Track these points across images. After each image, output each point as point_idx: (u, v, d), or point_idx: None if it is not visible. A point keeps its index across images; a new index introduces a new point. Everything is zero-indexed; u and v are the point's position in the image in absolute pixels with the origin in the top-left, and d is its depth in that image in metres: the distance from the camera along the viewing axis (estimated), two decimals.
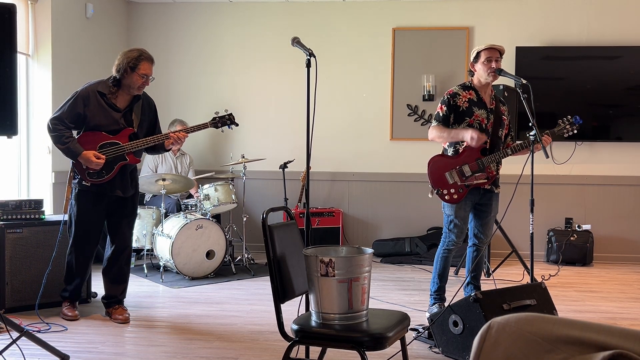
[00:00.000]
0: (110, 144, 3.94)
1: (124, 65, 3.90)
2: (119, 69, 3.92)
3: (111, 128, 3.96)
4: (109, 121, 3.95)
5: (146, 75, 3.95)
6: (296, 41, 3.13)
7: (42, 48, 5.51)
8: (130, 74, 3.91)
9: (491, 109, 4.09)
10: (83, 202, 3.98)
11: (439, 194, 4.00)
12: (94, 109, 3.92)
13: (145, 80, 3.96)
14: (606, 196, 6.52)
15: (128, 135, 3.99)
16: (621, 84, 6.36)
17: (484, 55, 4.02)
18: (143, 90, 4.06)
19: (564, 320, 1.27)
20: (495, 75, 4.03)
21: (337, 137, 6.79)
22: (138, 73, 3.91)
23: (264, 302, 4.55)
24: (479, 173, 3.98)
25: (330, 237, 6.37)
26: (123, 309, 4.13)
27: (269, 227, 2.50)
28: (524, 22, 6.55)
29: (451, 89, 4.07)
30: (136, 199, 4.23)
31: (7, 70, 2.84)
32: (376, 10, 6.73)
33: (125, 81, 3.95)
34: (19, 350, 3.02)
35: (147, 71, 3.95)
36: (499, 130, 4.11)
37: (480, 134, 3.87)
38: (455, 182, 3.97)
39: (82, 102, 3.91)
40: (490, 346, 1.28)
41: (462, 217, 4.05)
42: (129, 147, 3.96)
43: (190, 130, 4.15)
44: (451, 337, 3.29)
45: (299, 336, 2.39)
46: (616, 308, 4.53)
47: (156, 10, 6.98)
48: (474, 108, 4.00)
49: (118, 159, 3.96)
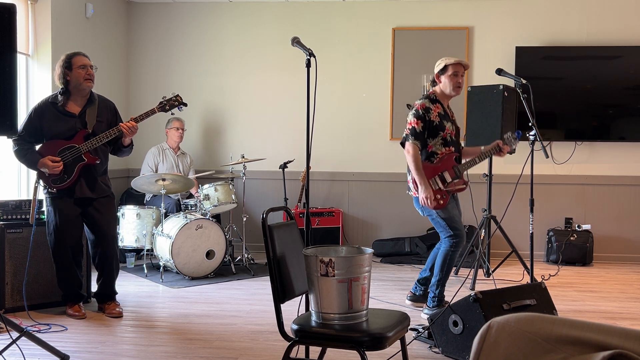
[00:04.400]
0: (67, 148, 4.01)
1: (60, 70, 4.03)
2: (59, 76, 4.04)
3: (68, 134, 4.04)
4: (65, 128, 4.04)
5: (84, 65, 4.04)
6: (296, 41, 3.13)
7: (42, 48, 5.51)
8: (70, 73, 4.02)
9: (453, 120, 4.25)
10: (57, 206, 4.05)
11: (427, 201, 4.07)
12: (50, 120, 4.03)
13: (86, 70, 4.04)
14: (606, 196, 6.52)
15: (83, 136, 4.05)
16: (621, 83, 6.36)
17: (451, 69, 4.11)
18: (92, 84, 4.09)
19: (564, 320, 1.27)
20: (458, 91, 4.15)
21: (337, 137, 6.79)
22: (75, 67, 4.01)
23: (264, 302, 4.55)
24: (457, 179, 4.12)
25: (330, 237, 6.38)
26: (115, 304, 4.23)
27: (268, 227, 2.50)
28: (524, 22, 6.55)
29: (422, 103, 4.11)
30: (112, 198, 4.28)
31: (7, 70, 2.84)
32: (376, 10, 6.73)
33: (72, 83, 4.04)
34: (19, 350, 3.03)
35: (82, 62, 4.05)
36: (458, 138, 4.28)
37: (432, 198, 3.99)
38: (439, 189, 4.07)
39: (36, 117, 4.04)
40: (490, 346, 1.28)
41: (455, 214, 4.16)
42: (84, 147, 4.01)
43: (139, 118, 4.14)
44: (451, 337, 3.29)
45: (299, 336, 2.39)
46: (616, 308, 4.53)
47: (156, 10, 6.98)
48: (444, 121, 4.12)
49: (76, 160, 4.02)
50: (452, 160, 4.13)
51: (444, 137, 4.09)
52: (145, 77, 7.00)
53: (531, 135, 4.48)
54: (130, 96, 6.97)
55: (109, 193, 4.24)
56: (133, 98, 6.94)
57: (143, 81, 7.00)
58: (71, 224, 4.09)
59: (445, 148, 4.11)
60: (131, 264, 5.83)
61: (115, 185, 4.59)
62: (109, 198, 4.25)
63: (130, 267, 5.79)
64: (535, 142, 4.48)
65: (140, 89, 6.98)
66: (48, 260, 4.21)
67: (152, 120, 6.75)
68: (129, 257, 5.85)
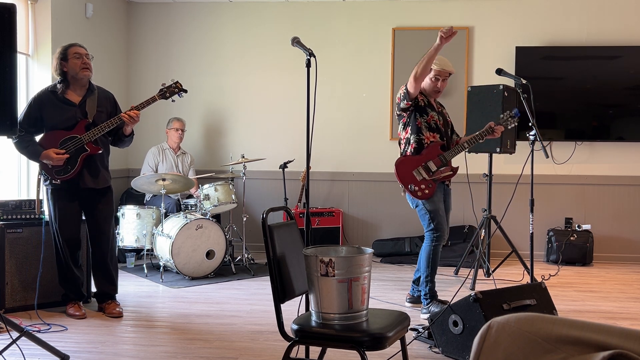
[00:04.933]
0: (69, 138, 4.00)
1: (57, 62, 4.03)
2: (55, 68, 4.05)
3: (68, 124, 4.03)
4: (66, 117, 4.02)
5: (79, 54, 4.04)
6: (296, 41, 3.13)
7: (42, 48, 5.51)
8: (66, 63, 4.02)
9: (439, 111, 4.35)
10: (57, 200, 4.06)
11: (412, 191, 4.16)
12: (50, 109, 4.02)
13: (82, 59, 4.03)
14: (606, 196, 6.52)
15: (84, 126, 4.05)
16: (621, 83, 6.36)
17: (434, 72, 4.21)
18: (89, 73, 4.08)
19: (564, 320, 1.27)
20: (436, 95, 4.30)
21: (337, 137, 6.79)
22: (71, 57, 4.01)
23: (264, 302, 4.55)
24: (443, 167, 4.20)
25: (330, 237, 6.38)
26: (115, 304, 4.21)
27: (269, 227, 2.50)
28: (524, 22, 6.55)
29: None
30: (110, 193, 4.28)
31: (7, 70, 2.84)
32: (376, 10, 6.73)
33: (69, 73, 4.05)
34: (19, 350, 3.03)
35: (78, 51, 4.04)
36: (448, 129, 4.38)
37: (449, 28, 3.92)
38: (423, 179, 4.16)
39: (36, 106, 4.03)
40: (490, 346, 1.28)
41: (441, 209, 4.23)
42: (86, 137, 4.00)
43: (140, 106, 4.12)
44: (451, 337, 3.29)
45: (299, 336, 2.39)
46: (616, 308, 4.53)
47: (156, 10, 6.98)
48: (428, 109, 4.26)
49: (79, 150, 4.02)
50: (438, 149, 4.22)
51: (428, 122, 4.22)
52: (145, 77, 7.00)
53: (531, 135, 4.48)
54: (130, 96, 6.97)
55: (110, 184, 4.26)
56: (133, 98, 6.93)
57: (143, 81, 7.00)
58: (70, 218, 4.09)
59: (429, 132, 4.21)
60: (131, 264, 5.83)
61: (115, 185, 4.59)
62: (109, 190, 4.26)
63: (131, 267, 5.79)
64: (535, 142, 4.48)
65: (140, 89, 6.97)
66: (47, 260, 4.20)
67: (152, 120, 6.78)
68: (129, 257, 5.85)
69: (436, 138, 4.23)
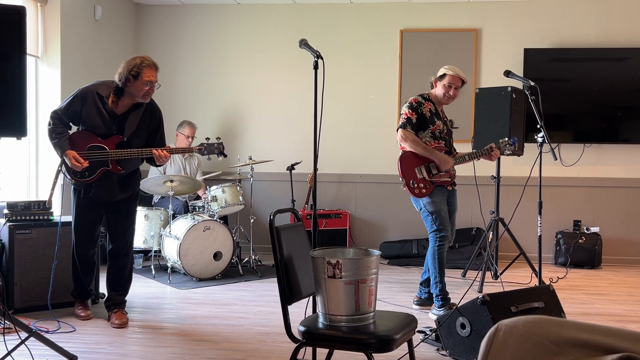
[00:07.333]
0: (98, 147, 3.89)
1: (125, 73, 3.81)
2: (121, 77, 3.83)
3: (103, 132, 3.91)
4: (102, 124, 3.89)
5: (150, 82, 3.83)
6: (304, 43, 3.13)
7: (51, 50, 5.55)
8: (134, 82, 3.80)
9: (445, 120, 4.42)
10: (79, 197, 4.02)
11: (411, 187, 4.22)
12: (90, 110, 3.88)
13: (149, 88, 3.85)
14: (615, 198, 6.49)
15: (116, 142, 3.92)
16: (629, 85, 6.33)
17: (448, 79, 4.29)
18: (149, 100, 3.96)
19: (572, 323, 1.27)
20: (448, 101, 4.36)
21: (344, 138, 6.79)
22: (141, 80, 3.80)
23: (271, 304, 4.55)
24: (443, 172, 4.27)
25: (338, 239, 6.38)
26: (122, 314, 4.04)
27: (276, 229, 2.50)
28: (532, 24, 6.54)
29: (415, 98, 4.34)
30: (131, 203, 4.12)
31: (17, 72, 2.86)
32: (384, 11, 6.73)
33: (129, 89, 3.85)
34: (27, 350, 3.04)
35: (150, 77, 3.82)
36: (451, 139, 4.46)
37: (449, 158, 4.24)
38: (423, 178, 4.23)
39: (79, 101, 3.88)
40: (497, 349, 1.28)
41: (444, 210, 4.27)
42: (113, 154, 3.88)
43: (175, 151, 4.08)
44: (458, 339, 3.28)
45: (306, 338, 2.39)
46: (624, 311, 4.51)
47: (164, 12, 7.01)
48: (434, 118, 4.31)
49: (101, 163, 3.91)
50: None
51: (433, 131, 4.29)
52: None
53: (539, 137, 4.47)
54: None
55: (130, 194, 4.09)
56: None
57: None
58: (87, 215, 4.03)
59: (434, 140, 4.28)
60: (139, 265, 5.84)
61: None
62: (129, 199, 4.09)
63: (138, 268, 5.81)
64: (543, 144, 4.47)
65: None
66: (58, 260, 4.21)
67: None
68: (136, 259, 5.86)
69: (440, 144, 4.31)
